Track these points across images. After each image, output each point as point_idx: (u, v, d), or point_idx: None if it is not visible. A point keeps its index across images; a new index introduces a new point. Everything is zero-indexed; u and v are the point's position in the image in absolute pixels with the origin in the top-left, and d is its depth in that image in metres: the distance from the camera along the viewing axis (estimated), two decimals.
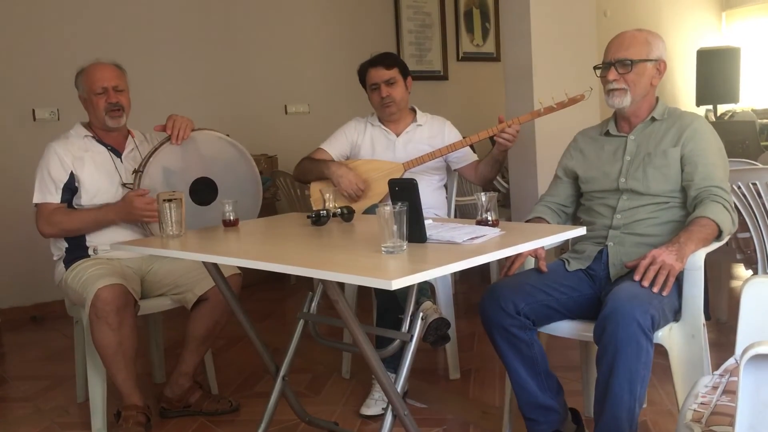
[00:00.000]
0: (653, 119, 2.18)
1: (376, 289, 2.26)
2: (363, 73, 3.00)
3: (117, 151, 2.68)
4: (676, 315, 1.96)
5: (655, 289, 1.85)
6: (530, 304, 2.01)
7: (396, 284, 1.36)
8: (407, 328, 1.87)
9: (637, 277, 1.88)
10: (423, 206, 1.77)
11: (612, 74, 2.13)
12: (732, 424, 1.16)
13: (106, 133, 2.68)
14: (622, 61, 2.12)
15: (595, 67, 2.22)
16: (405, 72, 2.99)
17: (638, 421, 1.84)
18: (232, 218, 2.25)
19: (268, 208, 4.56)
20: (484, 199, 1.88)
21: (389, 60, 2.96)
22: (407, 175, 2.84)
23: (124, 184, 2.60)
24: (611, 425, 1.81)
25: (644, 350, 1.78)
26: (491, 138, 2.79)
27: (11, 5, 4.35)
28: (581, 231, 1.90)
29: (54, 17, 4.48)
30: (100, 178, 2.58)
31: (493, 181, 3.14)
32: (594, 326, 1.86)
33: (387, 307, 2.46)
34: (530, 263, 2.20)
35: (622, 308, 1.78)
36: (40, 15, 4.43)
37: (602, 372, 1.83)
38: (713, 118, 6.96)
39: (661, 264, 1.87)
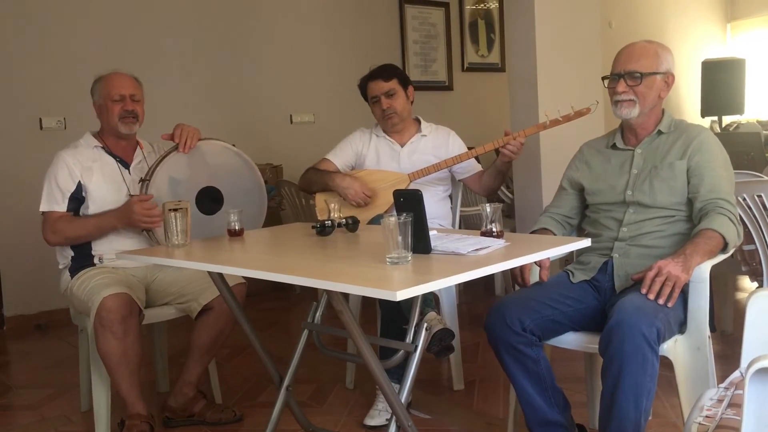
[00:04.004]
0: (660, 132, 2.18)
1: (380, 300, 2.25)
2: (363, 87, 3.01)
3: (125, 162, 2.69)
4: (681, 327, 1.95)
5: (661, 301, 1.85)
6: (536, 320, 2.00)
7: (401, 295, 1.36)
8: (411, 338, 1.87)
9: (644, 290, 1.87)
10: (428, 217, 1.77)
11: (621, 86, 2.13)
12: None
13: (115, 142, 2.68)
14: (632, 74, 2.12)
15: (603, 78, 2.22)
16: (405, 82, 2.99)
17: None
18: (237, 228, 2.25)
19: (273, 218, 4.57)
20: (489, 210, 1.88)
21: (387, 72, 2.96)
22: (412, 186, 2.84)
23: (131, 196, 2.60)
24: None
25: (650, 363, 1.77)
26: (496, 149, 2.79)
27: (18, 15, 4.38)
28: (586, 243, 1.90)
29: (61, 27, 4.51)
30: (108, 189, 2.59)
31: (497, 191, 3.14)
32: (599, 338, 1.86)
33: (391, 318, 2.46)
34: (535, 275, 2.19)
35: (627, 320, 1.78)
36: (47, 25, 4.46)
37: (607, 385, 1.82)
38: (718, 130, 6.95)
39: (666, 275, 1.86)
